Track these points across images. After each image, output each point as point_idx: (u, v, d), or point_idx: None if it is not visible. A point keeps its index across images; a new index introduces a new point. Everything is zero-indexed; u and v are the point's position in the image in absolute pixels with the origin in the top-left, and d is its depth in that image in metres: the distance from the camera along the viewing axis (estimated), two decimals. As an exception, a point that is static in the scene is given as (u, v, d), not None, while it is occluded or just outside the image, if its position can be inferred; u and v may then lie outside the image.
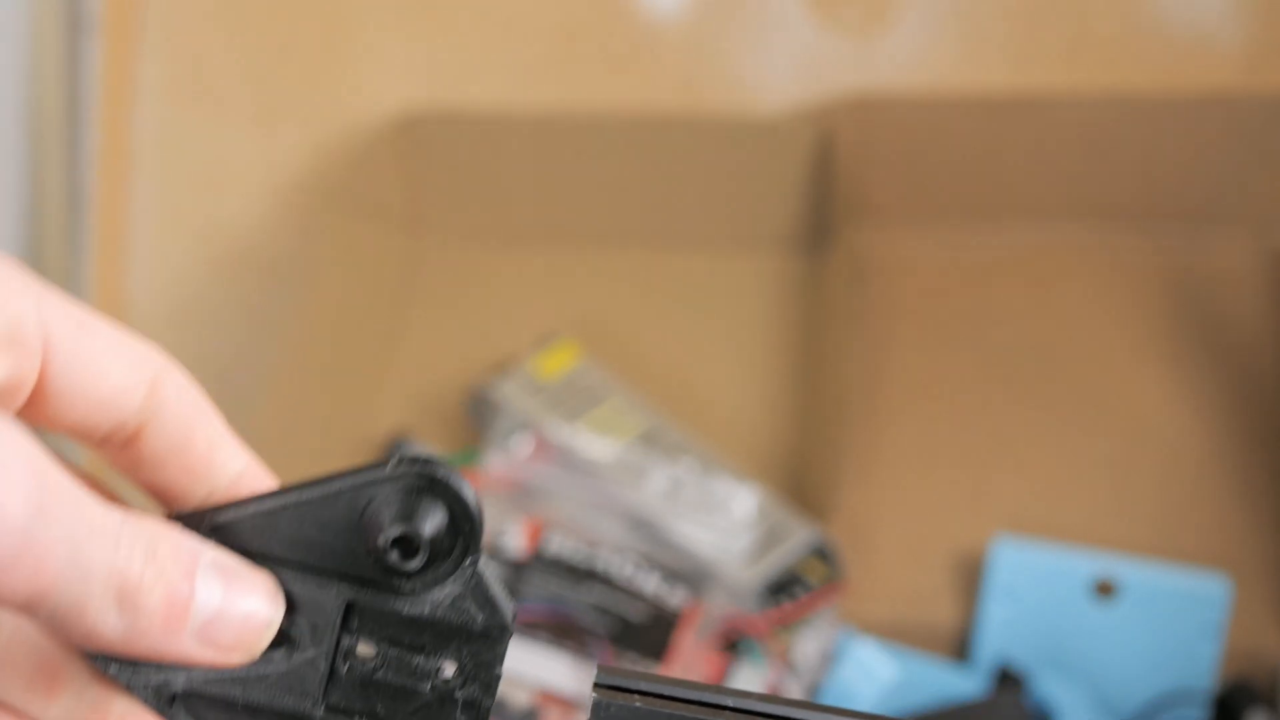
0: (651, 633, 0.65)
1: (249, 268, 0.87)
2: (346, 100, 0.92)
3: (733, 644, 0.66)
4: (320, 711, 0.27)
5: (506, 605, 0.27)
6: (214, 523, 0.26)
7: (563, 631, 0.64)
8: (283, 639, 0.26)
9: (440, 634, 0.27)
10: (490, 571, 0.27)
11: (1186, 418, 0.81)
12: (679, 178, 0.91)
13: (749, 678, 0.64)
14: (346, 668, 0.27)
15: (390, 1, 0.94)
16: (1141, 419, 0.81)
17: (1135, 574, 0.72)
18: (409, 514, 0.26)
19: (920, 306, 0.87)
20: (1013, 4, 0.87)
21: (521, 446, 0.75)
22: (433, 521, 0.26)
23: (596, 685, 0.27)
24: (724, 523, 0.72)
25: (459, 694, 0.27)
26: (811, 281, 0.91)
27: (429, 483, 0.26)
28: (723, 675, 0.64)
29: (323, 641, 0.27)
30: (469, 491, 0.26)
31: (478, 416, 0.82)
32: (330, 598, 0.26)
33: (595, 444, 0.75)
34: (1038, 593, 0.72)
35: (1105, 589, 0.72)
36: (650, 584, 0.68)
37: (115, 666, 0.26)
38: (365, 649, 0.27)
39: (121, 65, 0.99)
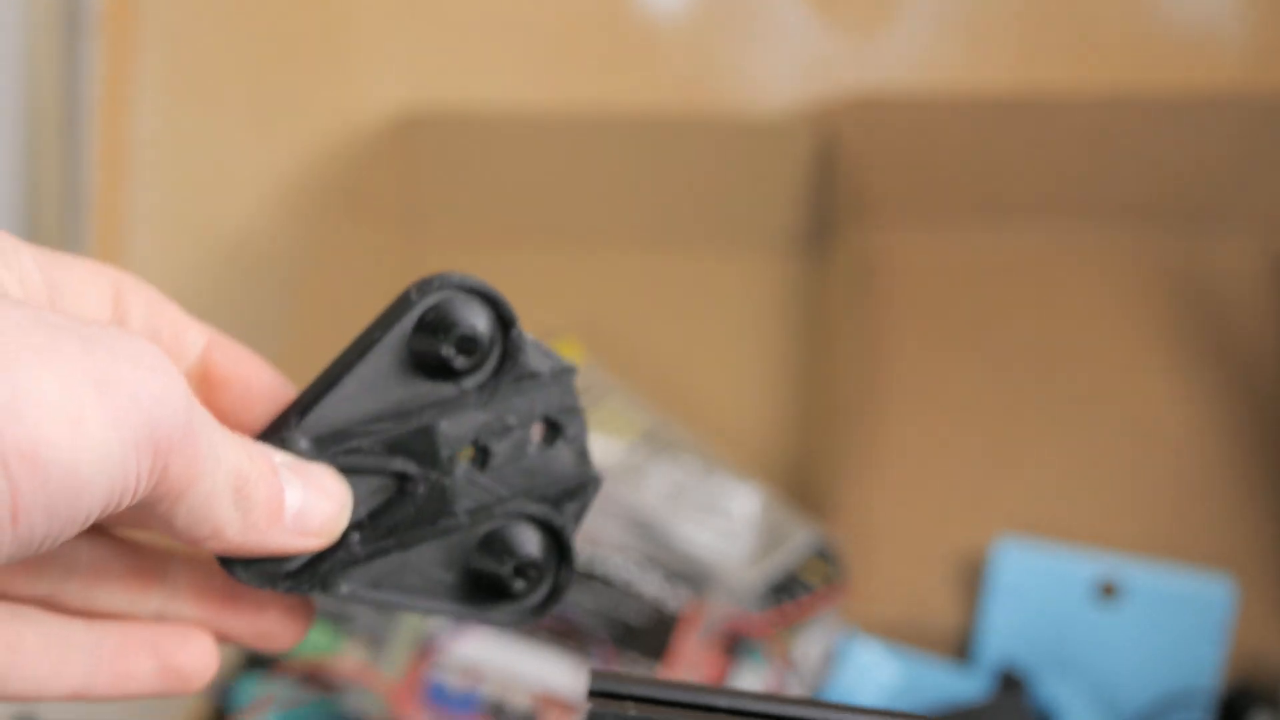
0: (652, 634, 0.65)
1: (248, 268, 0.87)
2: (346, 100, 0.92)
3: (734, 645, 0.66)
4: (463, 519, 0.30)
5: (558, 354, 0.31)
6: (299, 423, 0.29)
7: (563, 633, 0.64)
8: (403, 482, 0.30)
9: (519, 407, 0.30)
10: (530, 335, 0.30)
11: (1189, 418, 0.81)
12: (680, 178, 0.91)
13: (750, 679, 0.64)
14: (461, 473, 0.30)
15: (390, 1, 0.94)
16: (1144, 419, 0.81)
17: (1139, 575, 0.71)
18: (450, 323, 0.29)
19: (922, 306, 0.87)
20: (1016, 4, 0.87)
21: (522, 447, 0.74)
22: (474, 317, 0.30)
23: (591, 693, 0.28)
24: (725, 523, 0.72)
25: (559, 442, 0.31)
26: (813, 282, 0.90)
27: (449, 290, 0.30)
28: (724, 676, 0.64)
29: (434, 464, 0.30)
30: (479, 281, 0.30)
31: (478, 417, 0.82)
32: (421, 427, 0.30)
33: (596, 444, 0.75)
34: (1040, 594, 0.72)
35: (1109, 590, 0.72)
36: (651, 585, 0.67)
37: (249, 574, 0.29)
38: (467, 452, 0.30)
39: (120, 65, 0.99)
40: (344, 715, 0.65)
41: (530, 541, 0.31)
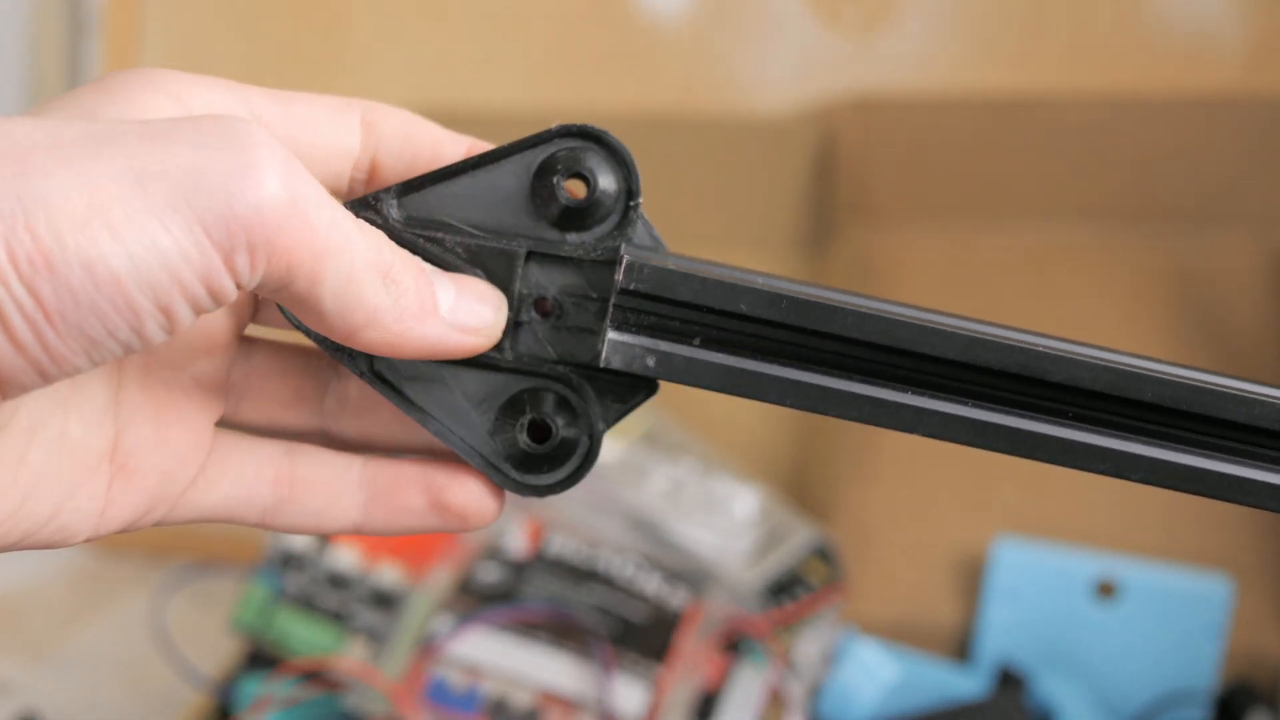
0: (653, 633, 0.65)
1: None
2: (347, 100, 0.92)
3: (734, 644, 0.66)
4: (508, 358, 0.29)
5: (665, 248, 0.30)
6: (400, 192, 0.29)
7: (564, 632, 0.64)
8: None
9: (608, 283, 0.29)
10: (645, 217, 0.29)
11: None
12: (681, 178, 0.91)
13: (750, 678, 0.64)
14: (525, 316, 0.29)
15: (391, 2, 0.94)
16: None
17: (1136, 574, 0.72)
18: (579, 169, 0.29)
19: (921, 306, 0.87)
20: (1014, 5, 0.87)
21: (523, 447, 0.74)
22: (603, 173, 0.29)
23: (626, 253, 0.29)
24: (725, 523, 0.72)
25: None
26: (813, 280, 0.91)
27: (588, 140, 0.29)
28: (724, 675, 0.65)
29: (507, 291, 0.29)
30: (623, 146, 0.29)
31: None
32: (510, 251, 0.29)
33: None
34: (1039, 593, 0.73)
35: (1106, 589, 0.72)
36: (651, 584, 0.68)
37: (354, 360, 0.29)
38: (543, 299, 0.29)
39: (122, 66, 0.99)
40: (345, 713, 0.65)
41: (561, 422, 0.29)
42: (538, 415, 0.29)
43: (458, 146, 0.30)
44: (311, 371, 0.31)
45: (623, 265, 0.28)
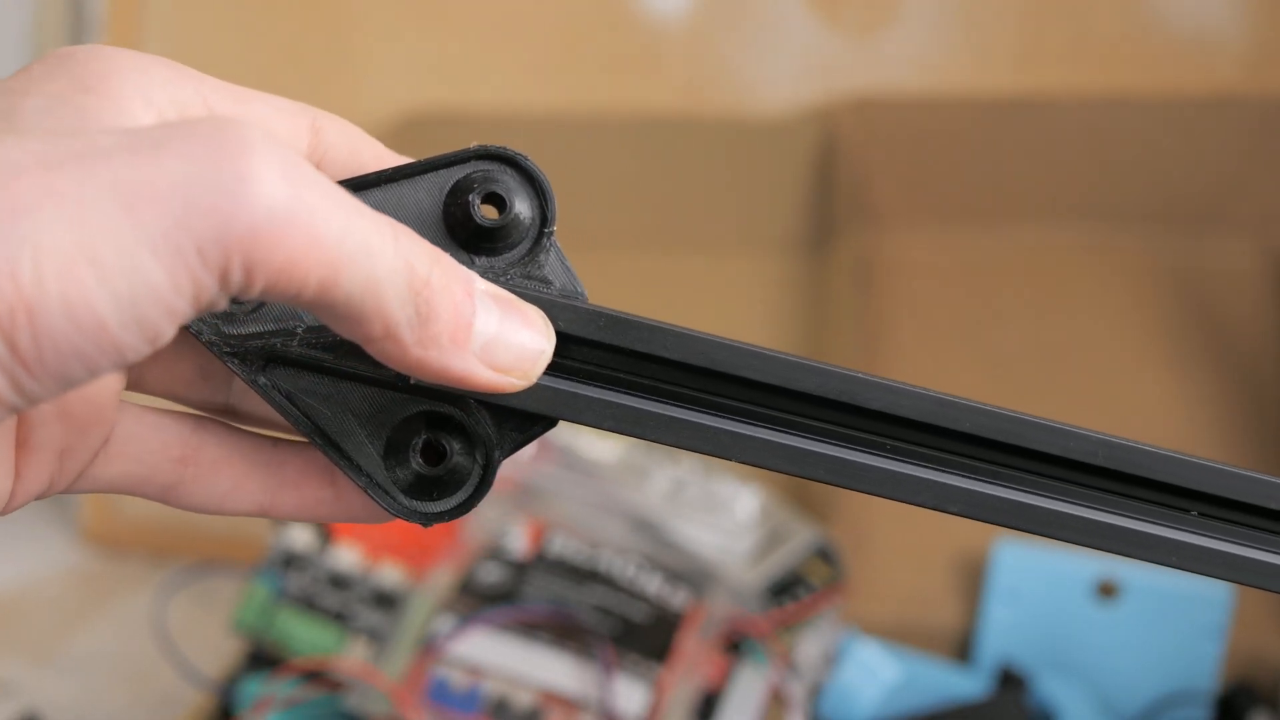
0: (654, 633, 0.65)
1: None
2: (348, 101, 0.92)
3: (735, 645, 0.67)
4: (403, 378, 0.28)
5: (577, 280, 0.29)
6: None
7: (565, 632, 0.64)
8: None
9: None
10: (559, 247, 0.29)
11: (1187, 416, 0.81)
12: (682, 179, 0.91)
13: (751, 678, 0.64)
14: None
15: (392, 3, 0.94)
16: (1142, 418, 0.82)
17: (1137, 575, 0.72)
18: (494, 191, 0.28)
19: (922, 306, 0.87)
20: (1015, 5, 0.87)
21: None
22: (519, 197, 0.28)
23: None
24: (726, 524, 0.72)
25: None
26: (814, 282, 0.91)
27: (505, 164, 0.29)
28: (725, 676, 0.65)
29: None
30: (540, 172, 0.29)
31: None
32: None
33: (598, 445, 0.75)
34: (1040, 594, 0.73)
35: (1107, 590, 0.72)
36: (652, 585, 0.68)
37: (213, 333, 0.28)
38: None
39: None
40: (347, 714, 0.65)
41: (457, 447, 0.28)
42: (433, 437, 0.28)
43: None
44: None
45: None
